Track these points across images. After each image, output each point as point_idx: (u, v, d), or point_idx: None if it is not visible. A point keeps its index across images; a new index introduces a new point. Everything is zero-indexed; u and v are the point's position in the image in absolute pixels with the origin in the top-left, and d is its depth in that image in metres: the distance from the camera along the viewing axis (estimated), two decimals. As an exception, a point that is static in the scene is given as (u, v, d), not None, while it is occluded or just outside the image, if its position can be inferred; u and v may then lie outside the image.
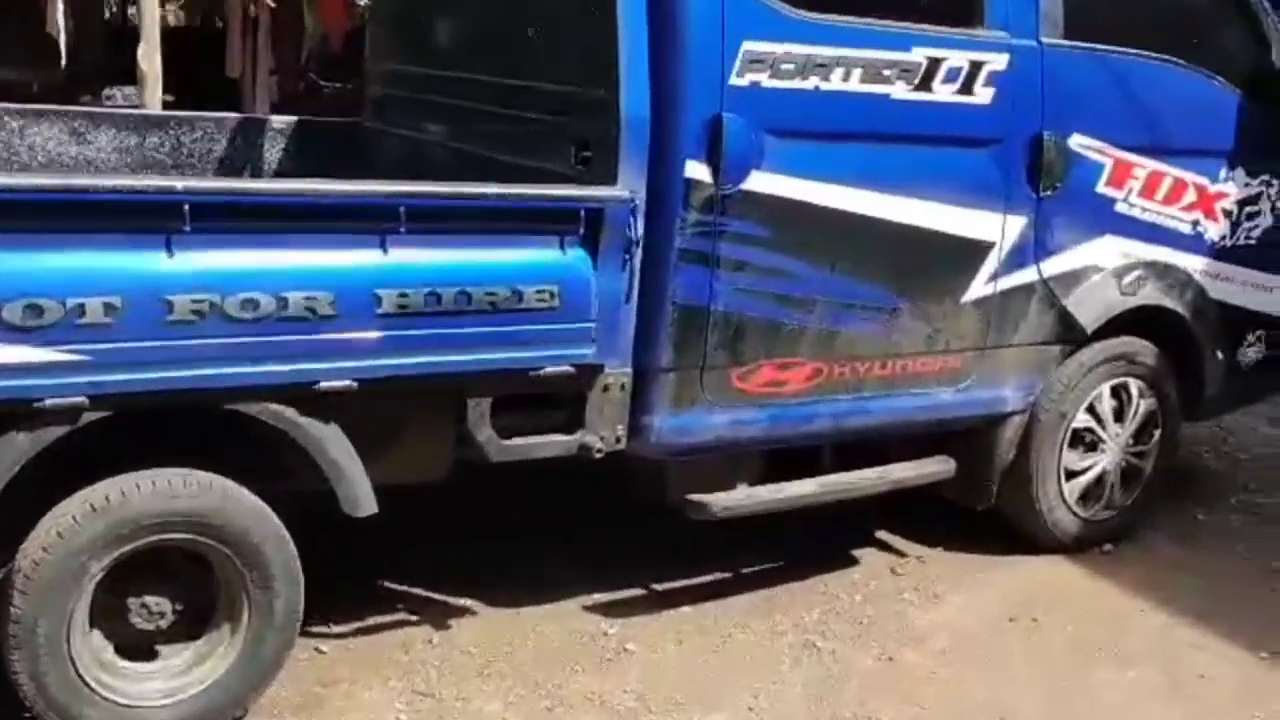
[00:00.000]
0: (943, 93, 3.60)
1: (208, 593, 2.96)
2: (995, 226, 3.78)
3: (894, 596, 3.92)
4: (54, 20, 7.47)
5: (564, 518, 4.23)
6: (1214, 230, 4.31)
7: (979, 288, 3.80)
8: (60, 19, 7.46)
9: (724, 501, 3.56)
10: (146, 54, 6.34)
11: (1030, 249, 3.87)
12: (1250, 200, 4.39)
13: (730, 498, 3.59)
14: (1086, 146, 3.92)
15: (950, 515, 4.23)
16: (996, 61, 3.68)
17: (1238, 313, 4.45)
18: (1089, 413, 4.19)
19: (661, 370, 3.37)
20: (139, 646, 2.92)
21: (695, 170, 3.27)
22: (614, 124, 3.18)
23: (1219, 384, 4.48)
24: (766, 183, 3.37)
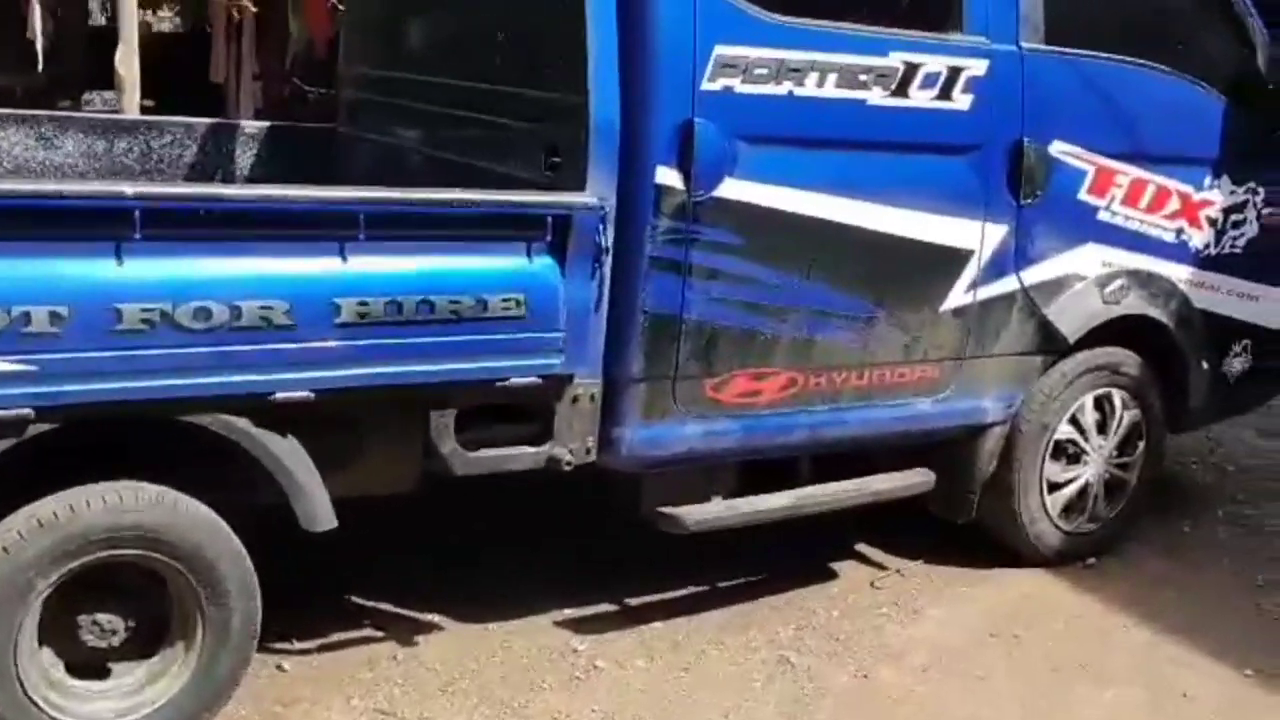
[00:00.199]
0: (920, 99, 3.53)
1: (162, 610, 2.88)
2: (974, 234, 3.71)
3: (872, 611, 3.84)
4: (32, 25, 7.41)
5: (536, 530, 4.15)
6: (1198, 238, 4.24)
7: (958, 297, 3.73)
8: (38, 23, 7.39)
9: (697, 515, 3.49)
10: (124, 58, 6.25)
11: (1010, 257, 3.81)
12: (1235, 208, 4.32)
13: (703, 511, 3.52)
14: (1068, 153, 3.85)
15: (932, 527, 4.16)
16: (975, 67, 3.61)
17: (1223, 322, 4.39)
18: (1072, 424, 4.11)
19: (633, 381, 3.30)
20: (90, 664, 2.84)
21: (666, 177, 3.20)
22: (583, 129, 3.11)
23: (1204, 395, 4.41)
24: (739, 190, 3.30)
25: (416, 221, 2.89)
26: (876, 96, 3.46)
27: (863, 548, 4.26)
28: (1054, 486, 4.14)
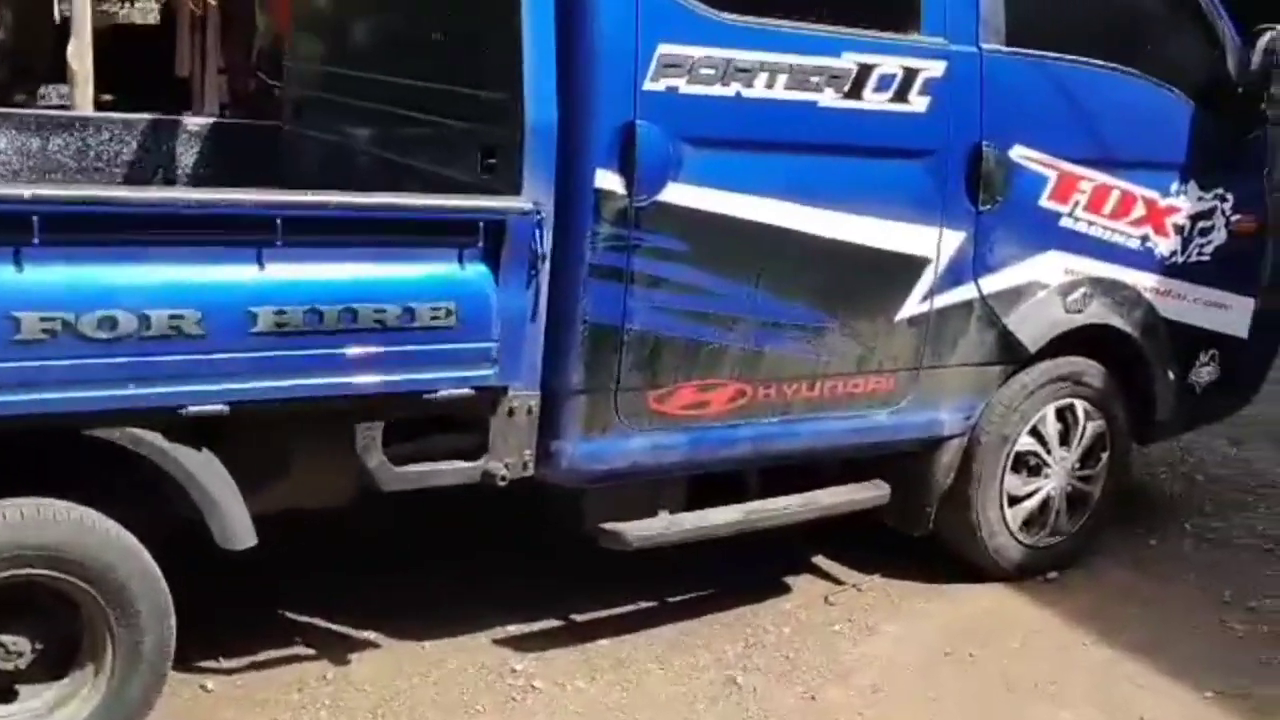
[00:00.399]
0: (874, 101, 3.42)
1: (71, 631, 2.76)
2: (931, 242, 3.60)
3: (824, 628, 3.73)
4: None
5: (480, 542, 4.02)
6: (1164, 245, 4.14)
7: (914, 306, 3.62)
8: (-8, 17, 7.24)
9: (639, 531, 3.37)
10: (77, 52, 6.11)
11: (969, 265, 3.70)
12: (1203, 215, 4.22)
13: (647, 526, 3.40)
14: (1029, 158, 3.74)
15: (892, 541, 4.04)
16: (933, 68, 3.50)
17: (1190, 331, 4.28)
18: (1033, 435, 4.01)
19: (572, 393, 3.18)
20: (-4, 687, 2.73)
21: (606, 180, 3.08)
22: (518, 131, 2.99)
23: (1171, 405, 4.30)
24: (684, 194, 3.19)
25: (339, 226, 2.76)
26: (829, 98, 3.35)
27: (820, 561, 4.15)
28: (1014, 499, 4.03)
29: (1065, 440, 4.08)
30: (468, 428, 3.12)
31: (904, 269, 3.58)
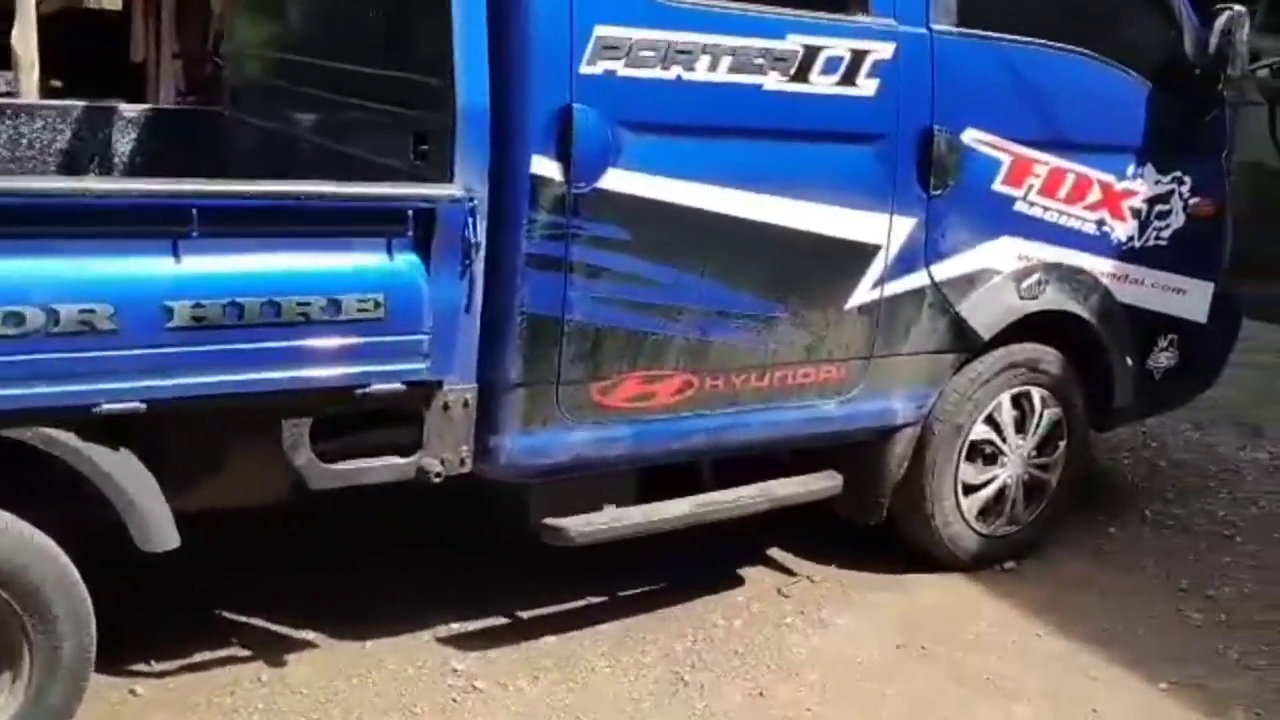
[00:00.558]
0: (821, 84, 3.34)
1: (-14, 637, 2.67)
2: (881, 228, 3.53)
3: (776, 622, 3.66)
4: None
5: (425, 538, 3.92)
6: (1121, 230, 4.07)
7: (864, 293, 3.55)
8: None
9: (583, 526, 3.29)
10: (21, 36, 5.97)
11: (920, 252, 3.62)
12: (1160, 198, 4.15)
13: (591, 521, 3.32)
14: (981, 142, 3.67)
15: (849, 531, 3.97)
16: (882, 50, 3.42)
17: (1148, 316, 4.23)
18: (988, 424, 3.94)
19: (511, 386, 3.10)
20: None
21: (543, 167, 2.99)
22: (450, 115, 2.89)
23: (1129, 391, 4.25)
24: (624, 181, 3.10)
25: (259, 217, 2.66)
26: (773, 82, 3.27)
27: (774, 552, 4.08)
28: (970, 489, 3.97)
29: (1021, 428, 4.02)
30: (403, 423, 3.03)
31: (854, 256, 3.51)
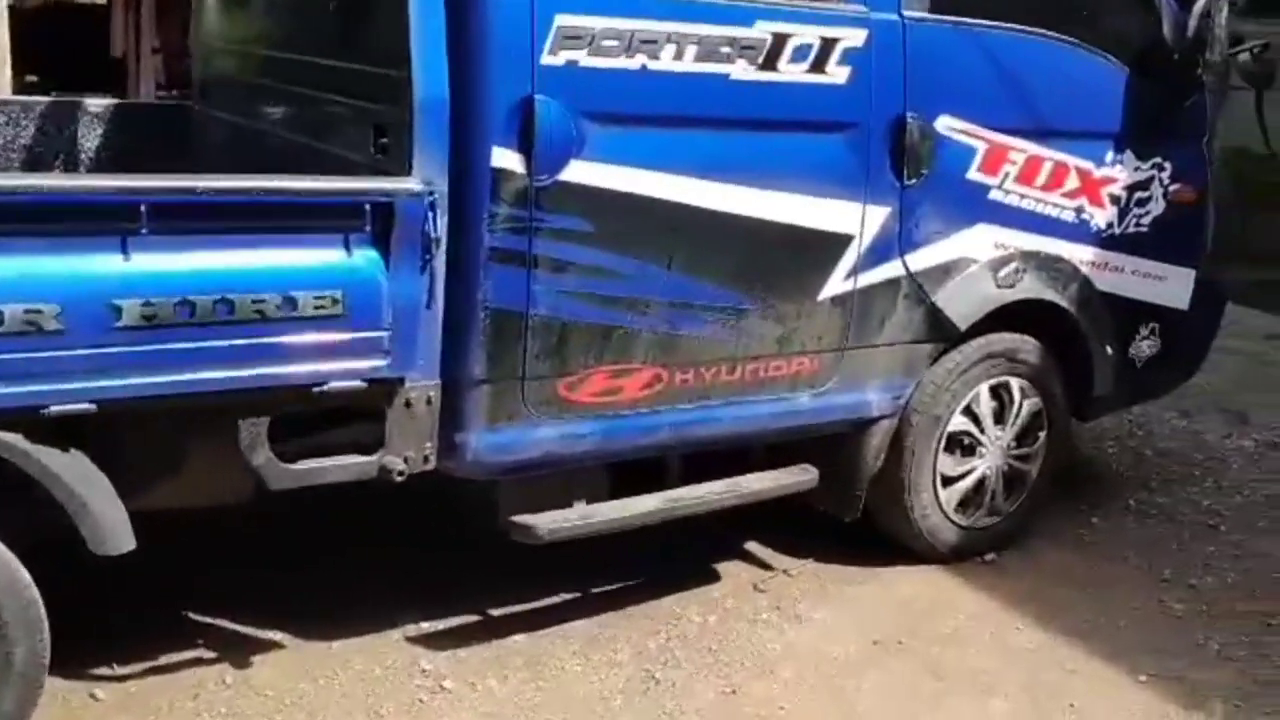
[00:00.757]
0: (791, 72, 3.28)
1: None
2: (853, 218, 3.47)
3: (751, 617, 3.62)
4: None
5: (397, 535, 3.88)
6: (1100, 217, 4.02)
7: (836, 284, 3.50)
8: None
9: (551, 523, 3.24)
10: (-9, 31, 5.94)
11: (894, 241, 3.57)
12: (1140, 185, 4.10)
13: (559, 518, 3.27)
14: (956, 129, 3.62)
15: (829, 523, 3.92)
16: (852, 37, 3.37)
17: (1129, 304, 4.18)
18: (966, 415, 3.90)
19: (475, 382, 3.05)
20: None
21: (504, 159, 2.94)
22: (407, 108, 2.84)
23: (1110, 380, 4.20)
24: (588, 173, 3.05)
25: (210, 213, 2.61)
26: (741, 70, 3.21)
27: (752, 546, 4.04)
28: (948, 480, 3.93)
29: (1000, 419, 3.98)
30: (365, 421, 2.98)
31: (825, 247, 3.46)
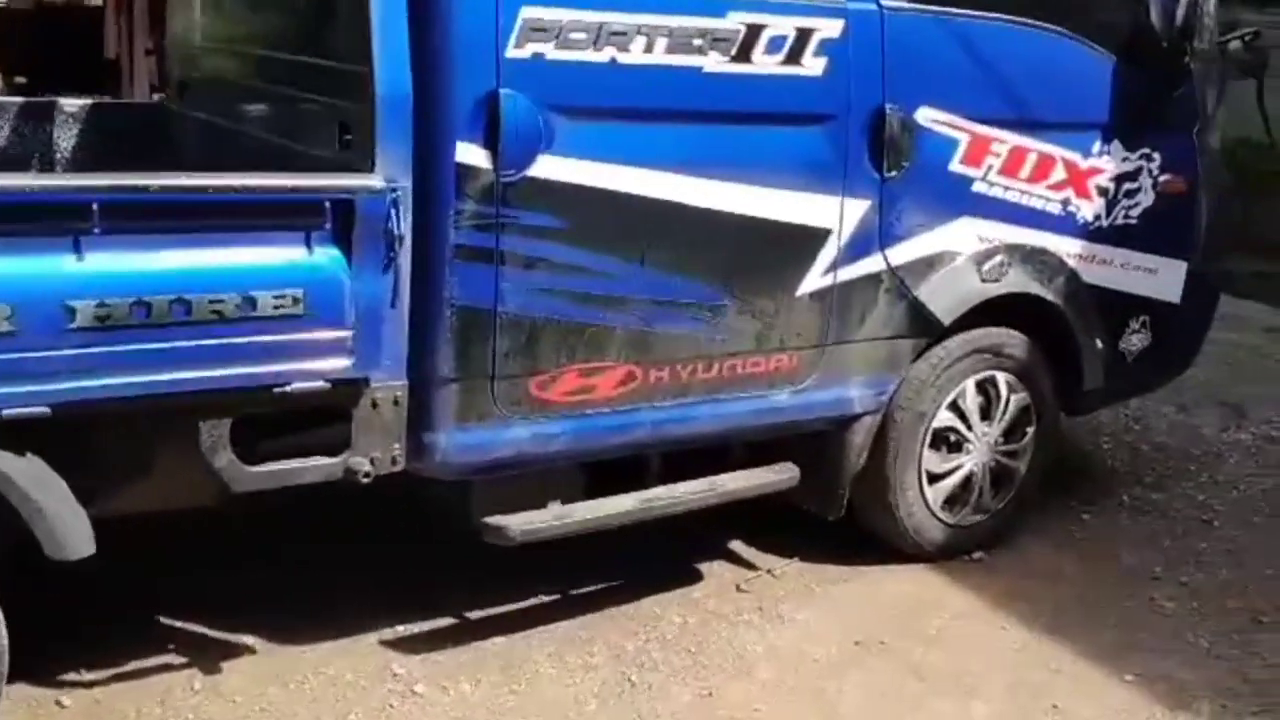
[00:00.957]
0: (765, 64, 3.23)
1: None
2: (831, 211, 3.42)
3: (732, 618, 3.57)
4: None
5: (380, 536, 3.83)
6: (1088, 209, 3.95)
7: (815, 279, 3.44)
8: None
9: (523, 524, 3.19)
10: (-20, 33, 5.90)
11: (874, 235, 3.51)
12: (1129, 175, 4.03)
13: (533, 519, 3.22)
14: (937, 121, 3.55)
15: (815, 522, 3.85)
16: (829, 28, 3.31)
17: (1118, 298, 4.11)
18: (952, 410, 3.84)
19: (443, 381, 3.00)
20: None
21: (469, 154, 2.89)
22: (370, 103, 2.80)
23: (1100, 375, 4.13)
24: (557, 168, 3.00)
25: (167, 211, 2.57)
26: (714, 63, 3.16)
27: (737, 546, 3.98)
28: (934, 477, 3.87)
29: (987, 415, 3.91)
30: (332, 421, 2.94)
31: (803, 241, 3.40)
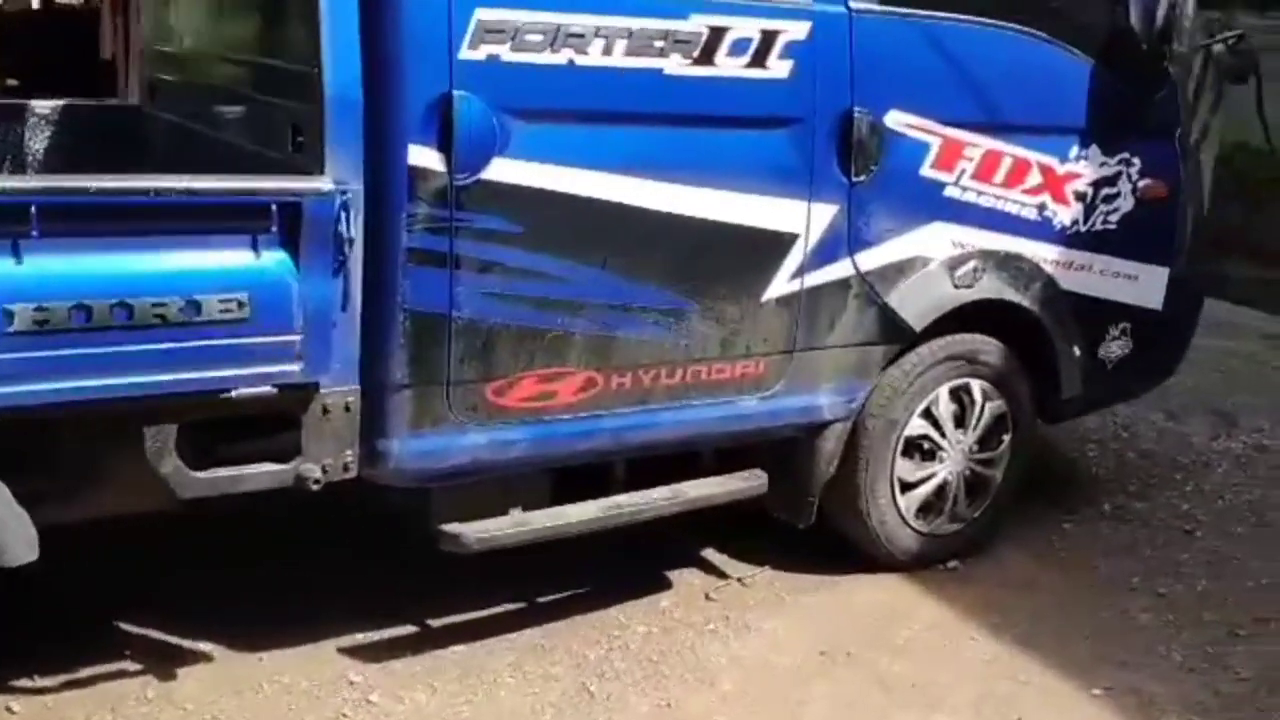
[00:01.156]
0: (729, 67, 3.19)
1: None
2: (799, 216, 3.37)
3: (699, 627, 3.52)
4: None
5: (342, 542, 3.80)
6: (1065, 214, 3.90)
7: (782, 285, 3.39)
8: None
9: (479, 532, 3.15)
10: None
11: (843, 240, 3.47)
12: (1107, 180, 3.97)
13: (490, 527, 3.18)
14: (907, 124, 3.51)
15: (790, 530, 3.79)
16: (795, 30, 3.27)
17: (1097, 304, 4.05)
18: (925, 418, 3.79)
19: (396, 387, 2.97)
20: None
21: (422, 157, 2.86)
22: (319, 105, 2.76)
23: (1078, 382, 4.07)
24: (512, 171, 2.96)
25: (108, 213, 2.54)
26: (675, 65, 3.12)
27: (708, 554, 3.94)
28: (907, 486, 3.82)
29: (961, 422, 3.86)
30: (283, 427, 2.91)
31: (769, 246, 3.36)
